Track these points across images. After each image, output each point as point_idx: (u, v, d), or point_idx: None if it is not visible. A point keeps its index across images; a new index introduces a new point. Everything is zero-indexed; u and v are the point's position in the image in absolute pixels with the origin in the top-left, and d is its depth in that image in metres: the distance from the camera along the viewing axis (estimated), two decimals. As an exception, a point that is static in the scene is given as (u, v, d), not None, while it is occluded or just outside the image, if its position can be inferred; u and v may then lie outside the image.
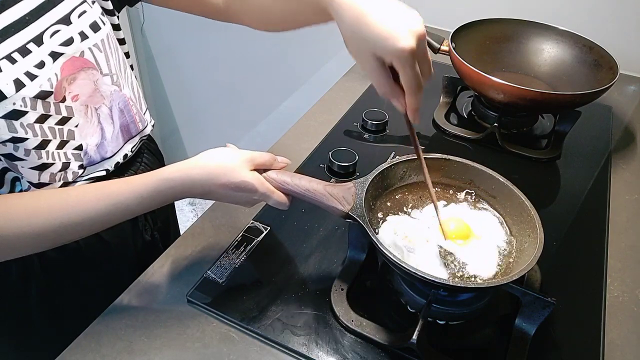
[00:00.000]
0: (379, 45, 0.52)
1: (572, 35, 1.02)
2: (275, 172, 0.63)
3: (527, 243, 0.61)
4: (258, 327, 0.61)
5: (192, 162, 0.60)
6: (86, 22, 0.63)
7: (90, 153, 0.67)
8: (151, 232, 0.83)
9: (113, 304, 0.64)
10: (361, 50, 0.54)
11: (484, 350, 0.62)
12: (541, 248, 0.57)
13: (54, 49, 0.59)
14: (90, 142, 0.66)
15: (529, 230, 0.61)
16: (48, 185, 0.63)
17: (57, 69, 0.59)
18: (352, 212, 0.60)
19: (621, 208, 0.82)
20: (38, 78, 0.57)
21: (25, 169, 0.61)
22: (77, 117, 0.63)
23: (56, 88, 0.59)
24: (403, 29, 0.51)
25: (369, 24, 0.52)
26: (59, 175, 0.64)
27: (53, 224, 0.56)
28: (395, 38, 0.51)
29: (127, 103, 0.71)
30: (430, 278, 0.54)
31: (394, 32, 0.51)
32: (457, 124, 1.00)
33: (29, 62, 0.56)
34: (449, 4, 1.30)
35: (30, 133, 0.58)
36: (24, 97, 0.56)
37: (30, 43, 0.57)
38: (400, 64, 0.52)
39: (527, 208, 0.62)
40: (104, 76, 0.66)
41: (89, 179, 0.68)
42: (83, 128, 0.65)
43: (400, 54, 0.51)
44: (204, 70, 1.91)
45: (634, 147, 0.98)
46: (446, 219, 0.64)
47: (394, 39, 0.51)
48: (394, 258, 0.55)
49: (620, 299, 0.68)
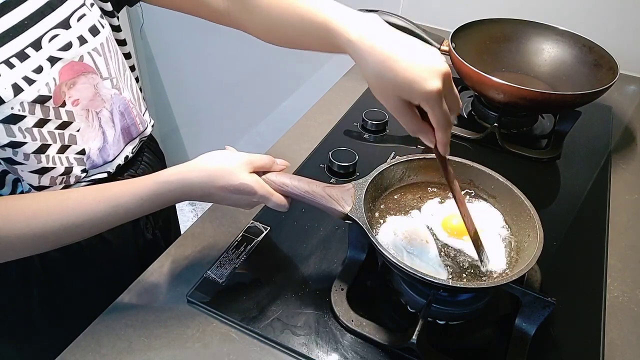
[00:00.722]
0: (406, 89, 0.51)
1: (572, 35, 1.02)
2: (274, 175, 0.63)
3: (527, 242, 0.61)
4: (258, 327, 0.61)
5: (191, 164, 0.60)
6: (85, 25, 0.62)
7: (93, 157, 0.67)
8: (152, 231, 0.83)
9: (113, 303, 0.64)
10: (387, 93, 0.53)
11: (484, 350, 0.62)
12: (541, 247, 0.57)
13: (52, 53, 0.59)
14: (93, 146, 0.67)
15: (528, 230, 0.61)
16: (48, 187, 0.63)
17: (55, 74, 0.59)
18: (351, 213, 0.60)
19: (621, 208, 0.82)
20: (36, 83, 0.57)
21: (25, 172, 0.61)
22: (79, 122, 0.63)
23: (55, 92, 0.59)
24: (428, 70, 0.51)
25: (394, 69, 0.51)
26: (60, 179, 0.64)
27: (53, 225, 0.56)
28: (422, 81, 0.50)
29: (127, 106, 0.71)
30: (429, 279, 0.54)
31: (420, 75, 0.50)
32: (457, 124, 0.99)
33: (27, 67, 0.56)
34: (449, 4, 1.30)
35: (28, 137, 0.58)
36: (22, 102, 0.56)
37: (29, 48, 0.57)
38: (429, 105, 0.52)
39: (526, 208, 0.62)
40: (104, 80, 0.66)
41: (90, 181, 0.68)
42: (85, 132, 0.65)
43: (429, 96, 0.51)
44: (203, 70, 1.91)
45: (634, 147, 0.98)
46: (448, 216, 0.64)
47: (420, 82, 0.50)
48: (393, 259, 0.55)
49: (620, 299, 0.68)
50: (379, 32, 0.54)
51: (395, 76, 0.51)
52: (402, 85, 0.51)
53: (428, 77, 0.50)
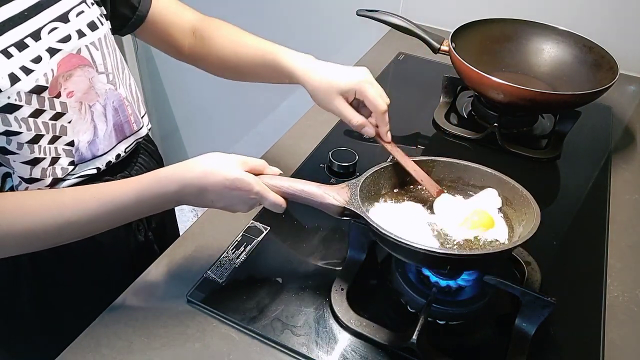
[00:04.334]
0: (342, 82, 0.70)
1: (572, 35, 1.02)
2: (268, 177, 0.62)
3: (525, 221, 0.61)
4: (258, 327, 0.61)
5: (187, 163, 0.60)
6: (84, 21, 0.63)
7: (81, 150, 0.67)
8: (145, 233, 0.82)
9: (113, 303, 0.64)
10: (328, 95, 0.71)
11: (484, 350, 0.62)
12: (539, 219, 0.58)
13: (51, 45, 0.59)
14: (82, 139, 0.66)
15: (524, 209, 0.62)
16: (39, 180, 0.63)
17: (53, 65, 0.59)
18: (348, 204, 0.60)
19: (621, 208, 0.82)
20: (34, 72, 0.57)
21: (17, 163, 0.61)
22: (71, 114, 0.63)
23: (52, 83, 0.59)
24: (354, 69, 0.72)
25: (330, 73, 0.71)
26: (49, 171, 0.64)
27: (46, 223, 0.56)
28: (352, 74, 0.71)
29: (121, 102, 0.71)
30: (435, 250, 0.55)
31: (349, 72, 0.71)
32: (457, 124, 0.99)
33: (25, 57, 0.57)
34: (449, 4, 1.30)
35: (24, 127, 0.58)
36: (19, 92, 0.56)
37: (28, 38, 0.57)
38: (362, 90, 0.70)
39: (518, 190, 0.63)
40: (100, 74, 0.66)
41: (80, 176, 0.68)
42: (76, 124, 0.65)
43: (360, 83, 0.70)
44: (203, 71, 1.91)
45: (634, 147, 0.98)
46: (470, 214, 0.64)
47: (351, 75, 0.71)
48: (392, 235, 0.55)
49: (620, 299, 0.68)
50: (317, 61, 0.73)
51: (333, 77, 0.71)
52: (339, 81, 0.70)
53: (356, 72, 0.71)
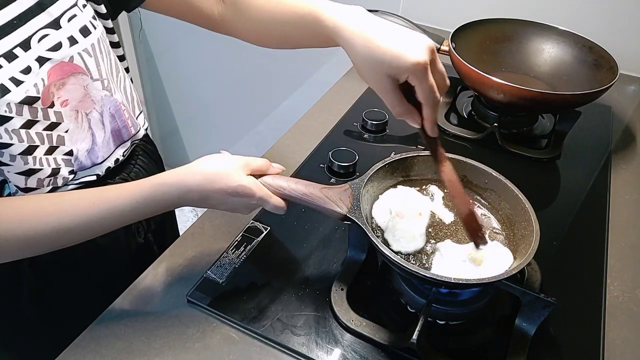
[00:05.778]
0: (394, 64, 0.53)
1: (572, 35, 1.02)
2: (270, 178, 0.62)
3: (524, 236, 0.61)
4: (258, 327, 0.61)
5: (188, 167, 0.59)
6: (76, 26, 0.61)
7: (80, 158, 0.66)
8: (145, 235, 0.82)
9: (113, 304, 0.64)
10: (374, 73, 0.55)
11: (484, 350, 0.62)
12: (537, 241, 0.57)
13: (41, 54, 0.58)
14: (81, 148, 0.66)
15: (524, 222, 0.62)
16: (35, 189, 0.63)
17: (43, 74, 0.58)
18: (349, 213, 0.60)
19: (621, 208, 0.82)
20: (24, 84, 0.56)
21: (11, 174, 0.60)
22: (67, 123, 0.62)
23: (43, 93, 0.58)
24: (415, 44, 0.53)
25: (380, 46, 0.53)
26: (48, 181, 0.63)
27: (45, 228, 0.55)
28: (408, 53, 0.52)
29: (118, 108, 0.70)
30: (430, 276, 0.54)
31: (406, 48, 0.52)
32: (457, 124, 1.00)
33: (14, 68, 0.55)
34: (449, 4, 1.30)
35: (15, 139, 0.57)
36: (8, 103, 0.55)
37: (17, 48, 0.56)
38: (416, 77, 0.53)
39: (520, 201, 0.63)
40: (95, 81, 0.65)
41: (79, 184, 0.67)
42: (73, 133, 0.64)
43: (415, 68, 0.52)
44: (203, 70, 1.91)
45: (634, 147, 0.98)
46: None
47: (407, 54, 0.52)
48: (394, 258, 0.55)
49: (620, 299, 0.68)
50: (365, 17, 0.57)
51: (384, 53, 0.53)
52: (390, 61, 0.53)
53: (415, 50, 0.52)
